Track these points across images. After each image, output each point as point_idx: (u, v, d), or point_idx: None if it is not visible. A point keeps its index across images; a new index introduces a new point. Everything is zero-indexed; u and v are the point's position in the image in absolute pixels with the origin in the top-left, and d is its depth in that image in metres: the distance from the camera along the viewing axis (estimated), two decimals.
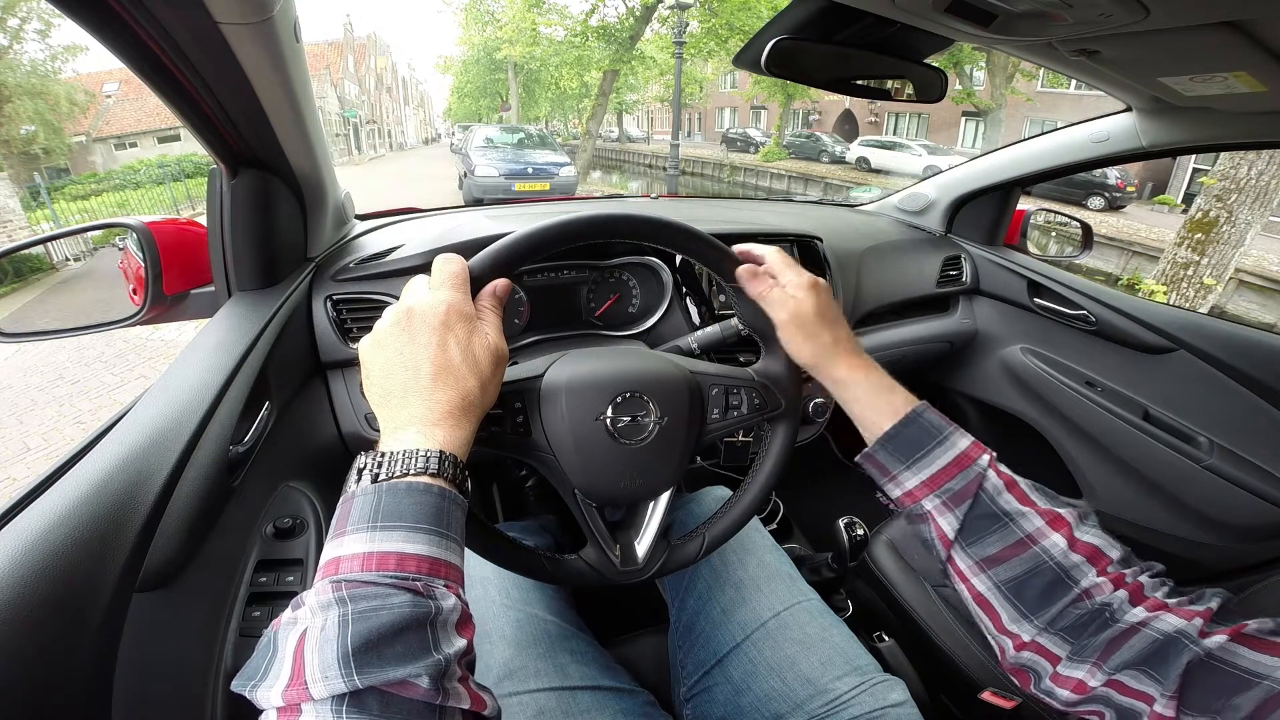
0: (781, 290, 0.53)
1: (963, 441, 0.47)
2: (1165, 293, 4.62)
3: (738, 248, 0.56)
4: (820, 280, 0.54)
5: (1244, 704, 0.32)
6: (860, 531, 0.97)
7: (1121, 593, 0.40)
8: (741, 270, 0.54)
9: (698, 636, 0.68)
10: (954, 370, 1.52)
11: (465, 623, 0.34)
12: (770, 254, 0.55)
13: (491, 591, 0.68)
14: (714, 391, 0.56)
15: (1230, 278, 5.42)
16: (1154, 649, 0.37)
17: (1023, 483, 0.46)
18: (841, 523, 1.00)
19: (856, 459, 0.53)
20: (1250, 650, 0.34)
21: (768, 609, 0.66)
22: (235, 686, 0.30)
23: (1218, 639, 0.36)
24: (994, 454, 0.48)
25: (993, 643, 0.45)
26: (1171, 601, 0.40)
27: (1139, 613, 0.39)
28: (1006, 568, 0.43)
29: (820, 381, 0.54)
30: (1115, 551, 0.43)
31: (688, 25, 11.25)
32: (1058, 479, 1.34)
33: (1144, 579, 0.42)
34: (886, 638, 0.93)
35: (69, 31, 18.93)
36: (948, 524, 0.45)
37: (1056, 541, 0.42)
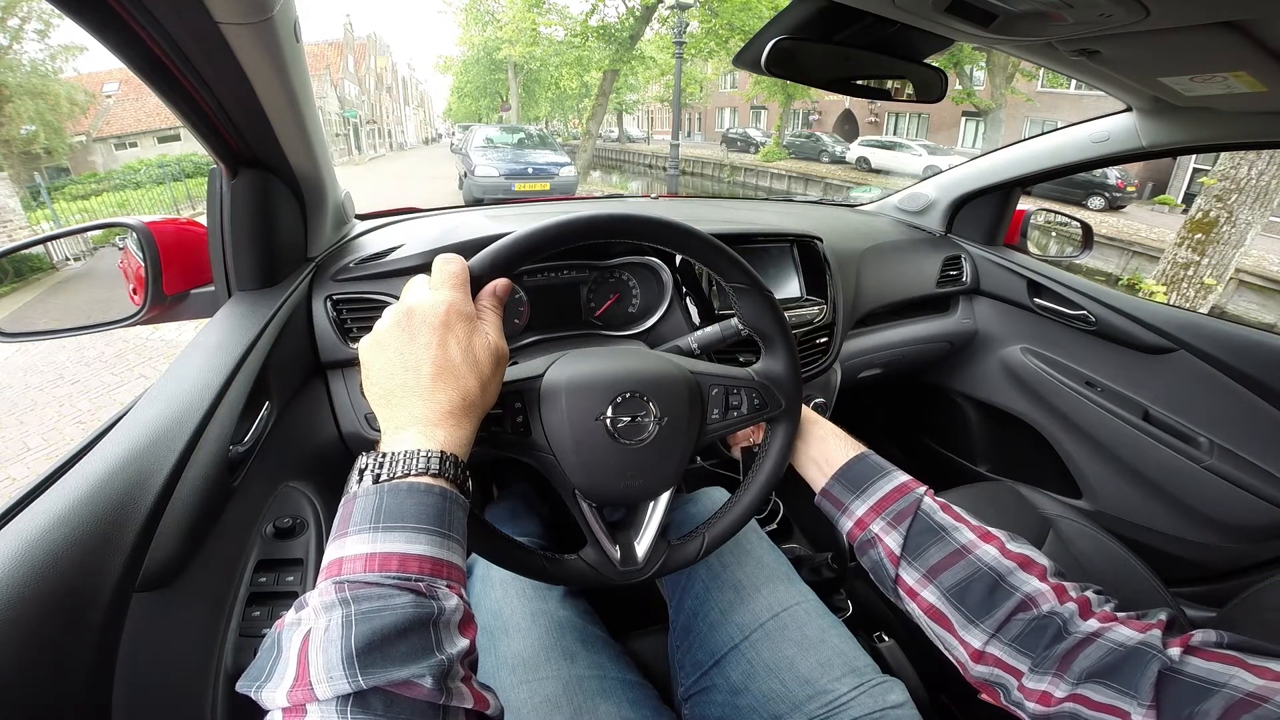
0: None
1: (902, 476, 0.55)
2: (1165, 293, 4.62)
3: None
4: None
5: (1210, 711, 0.33)
6: None
7: (1070, 605, 0.43)
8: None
9: (695, 637, 0.68)
10: (954, 370, 1.52)
11: (468, 623, 0.34)
12: None
13: (508, 584, 0.68)
14: (714, 392, 0.56)
15: (1230, 278, 5.42)
16: (1115, 660, 0.38)
17: (955, 507, 0.52)
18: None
19: (815, 500, 0.58)
20: (1201, 660, 0.36)
21: (766, 610, 0.66)
22: (240, 687, 0.30)
23: (1174, 650, 0.38)
24: (929, 487, 0.54)
25: (951, 657, 0.48)
26: (1121, 615, 0.42)
27: (1092, 624, 0.41)
28: (949, 574, 0.47)
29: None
30: (1045, 560, 0.47)
31: (688, 25, 11.25)
32: (1057, 479, 1.34)
33: (1090, 594, 0.44)
34: (886, 638, 0.93)
35: (69, 31, 18.96)
36: (893, 541, 0.51)
37: (989, 550, 0.48)
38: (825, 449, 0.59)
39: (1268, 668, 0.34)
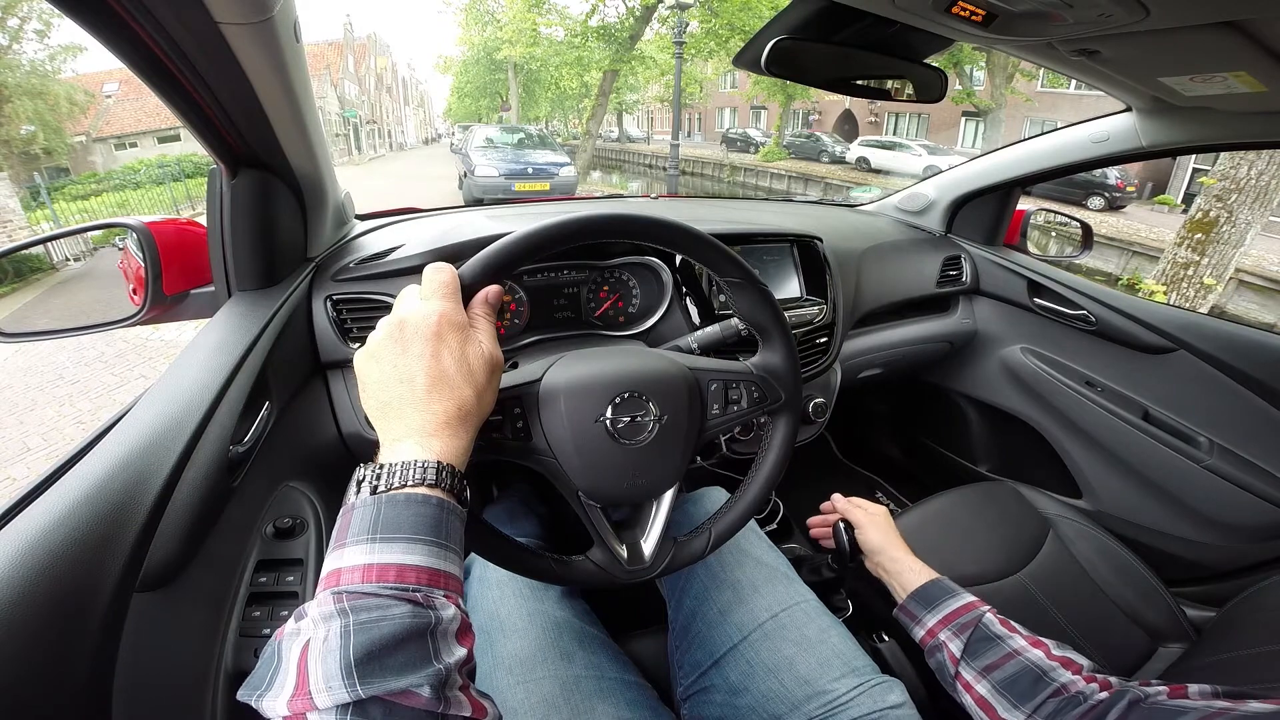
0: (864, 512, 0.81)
1: (969, 596, 0.65)
2: (1165, 293, 4.61)
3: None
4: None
5: None
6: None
7: (1094, 685, 0.52)
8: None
9: (694, 637, 0.68)
10: (954, 370, 1.52)
11: (465, 632, 0.35)
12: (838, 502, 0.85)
13: (504, 584, 0.69)
14: (713, 387, 0.56)
15: (1230, 278, 5.42)
16: (1103, 708, 0.49)
17: (1011, 622, 0.61)
18: (841, 523, 1.01)
19: (894, 613, 0.69)
20: (1186, 700, 0.45)
21: (765, 610, 0.66)
22: (241, 696, 0.31)
23: (1159, 687, 0.48)
24: (994, 608, 0.64)
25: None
26: (1131, 682, 0.51)
27: (1103, 694, 0.51)
28: (999, 672, 0.56)
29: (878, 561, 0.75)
30: (1084, 660, 0.56)
31: (688, 25, 11.24)
32: (1057, 479, 1.34)
33: (1113, 679, 0.53)
34: (886, 638, 0.93)
35: (69, 31, 18.95)
36: (956, 646, 0.60)
37: (1036, 652, 0.56)
38: (900, 569, 0.71)
39: (1245, 701, 0.42)
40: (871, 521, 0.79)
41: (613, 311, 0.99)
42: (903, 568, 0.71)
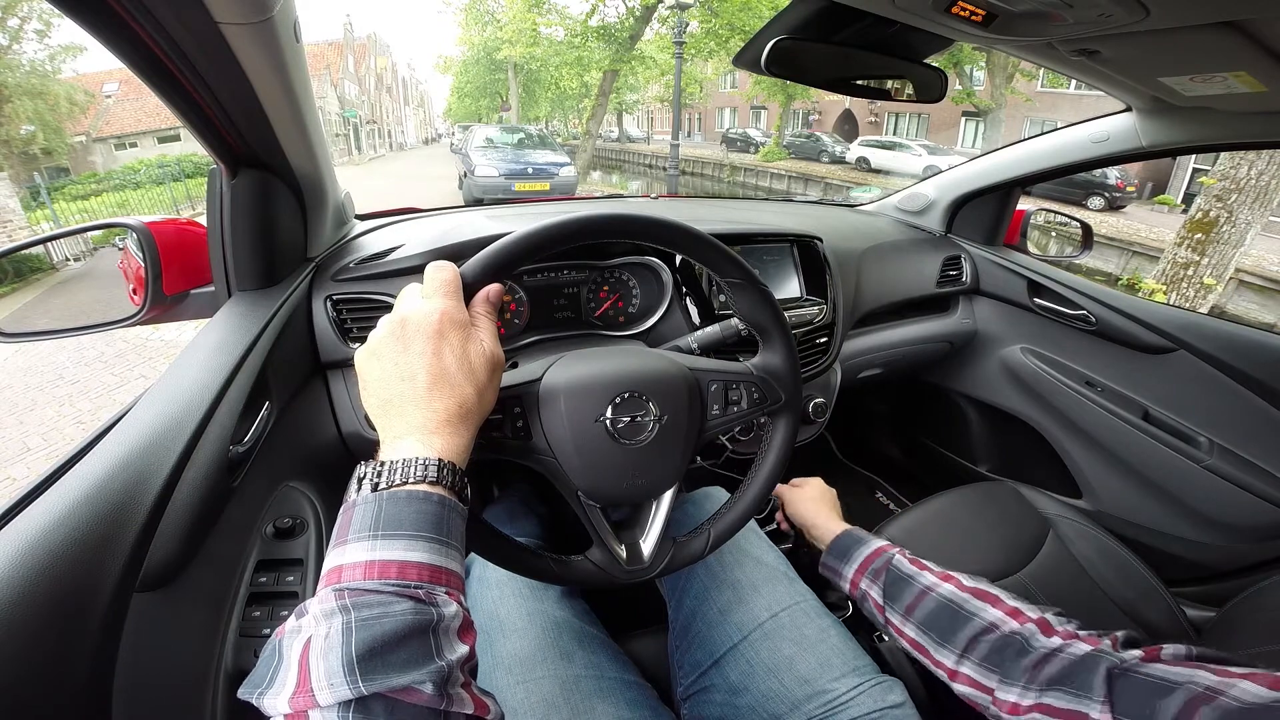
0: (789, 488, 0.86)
1: (879, 541, 0.68)
2: (1165, 292, 4.62)
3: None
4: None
5: (1170, 706, 0.37)
6: None
7: (1030, 626, 0.50)
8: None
9: (694, 637, 0.68)
10: (954, 370, 1.52)
11: (467, 629, 0.35)
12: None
13: (504, 584, 0.69)
14: (713, 388, 0.56)
15: (1230, 278, 5.42)
16: (1072, 668, 0.44)
17: (925, 560, 0.62)
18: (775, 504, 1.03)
19: (819, 570, 0.71)
20: (1165, 666, 0.41)
21: (765, 610, 0.66)
22: (242, 694, 0.31)
23: (1133, 654, 0.43)
24: (903, 548, 0.65)
25: (938, 678, 0.58)
26: (1082, 633, 0.48)
27: (1054, 640, 0.48)
28: (919, 611, 0.58)
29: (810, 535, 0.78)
30: (999, 591, 0.55)
31: (688, 25, 11.24)
32: (1057, 479, 1.34)
33: (1049, 615, 0.51)
34: (886, 637, 0.93)
35: (69, 31, 18.95)
36: (876, 592, 0.63)
37: (947, 587, 0.57)
38: (821, 521, 0.75)
39: (1227, 670, 0.38)
40: (795, 495, 0.80)
41: (613, 311, 0.99)
42: (825, 531, 0.73)
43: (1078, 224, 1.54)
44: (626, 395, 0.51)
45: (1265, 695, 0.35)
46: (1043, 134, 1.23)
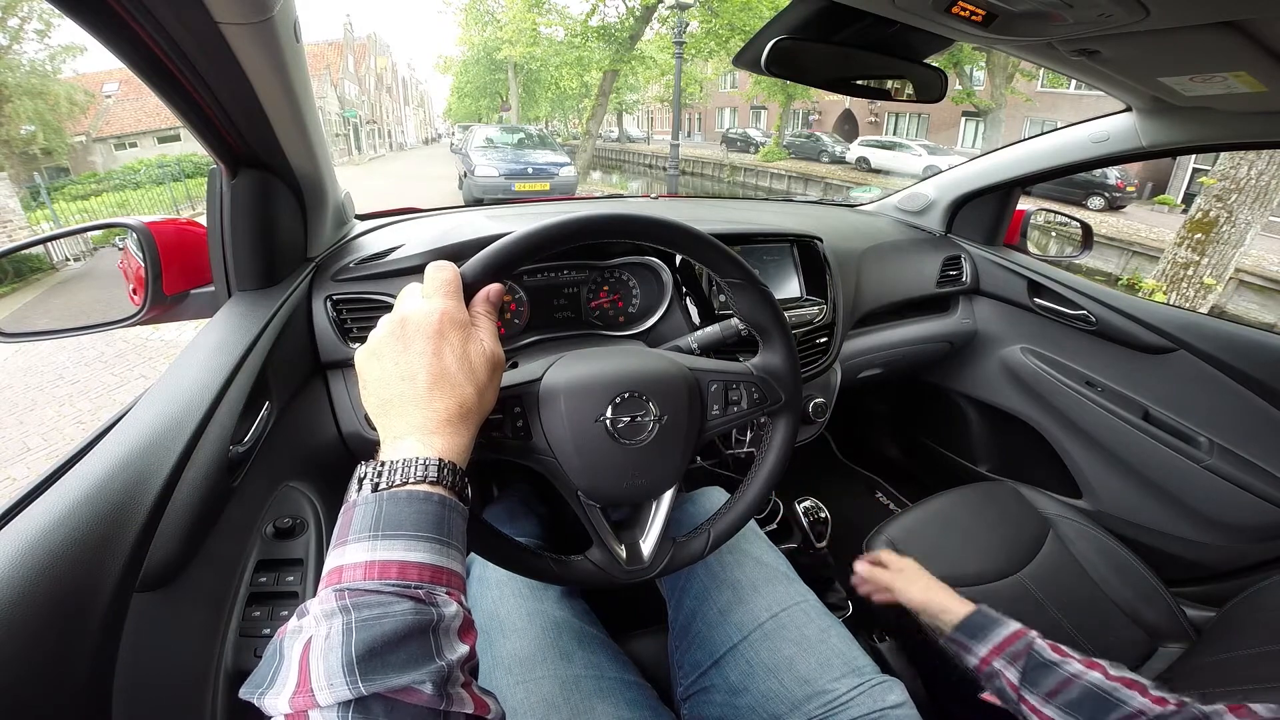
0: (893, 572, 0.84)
1: (1014, 624, 0.67)
2: (1165, 292, 4.61)
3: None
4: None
5: None
6: (824, 514, 1.02)
7: (1171, 708, 0.53)
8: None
9: (694, 637, 0.68)
10: (954, 370, 1.52)
11: (467, 629, 0.34)
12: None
13: (504, 584, 0.69)
14: (713, 388, 0.56)
15: (1230, 278, 5.42)
16: None
17: (1064, 646, 0.63)
18: (799, 505, 1.03)
19: (942, 642, 0.71)
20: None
21: (765, 610, 0.66)
22: (243, 694, 0.31)
23: (1215, 707, 0.50)
24: (1039, 632, 0.65)
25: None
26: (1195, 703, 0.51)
27: (1170, 708, 0.52)
28: (1062, 696, 0.58)
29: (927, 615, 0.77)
30: (1144, 680, 0.56)
31: (688, 25, 11.24)
32: (1057, 479, 1.34)
33: (1170, 696, 0.54)
34: (886, 637, 0.93)
35: (69, 31, 18.93)
36: (1013, 675, 0.62)
37: (1097, 677, 0.57)
38: (939, 600, 0.75)
39: None
40: (906, 579, 0.81)
41: (613, 311, 0.99)
42: (950, 610, 0.73)
43: (1078, 224, 1.54)
44: (626, 395, 0.51)
45: None
46: (1043, 134, 1.23)
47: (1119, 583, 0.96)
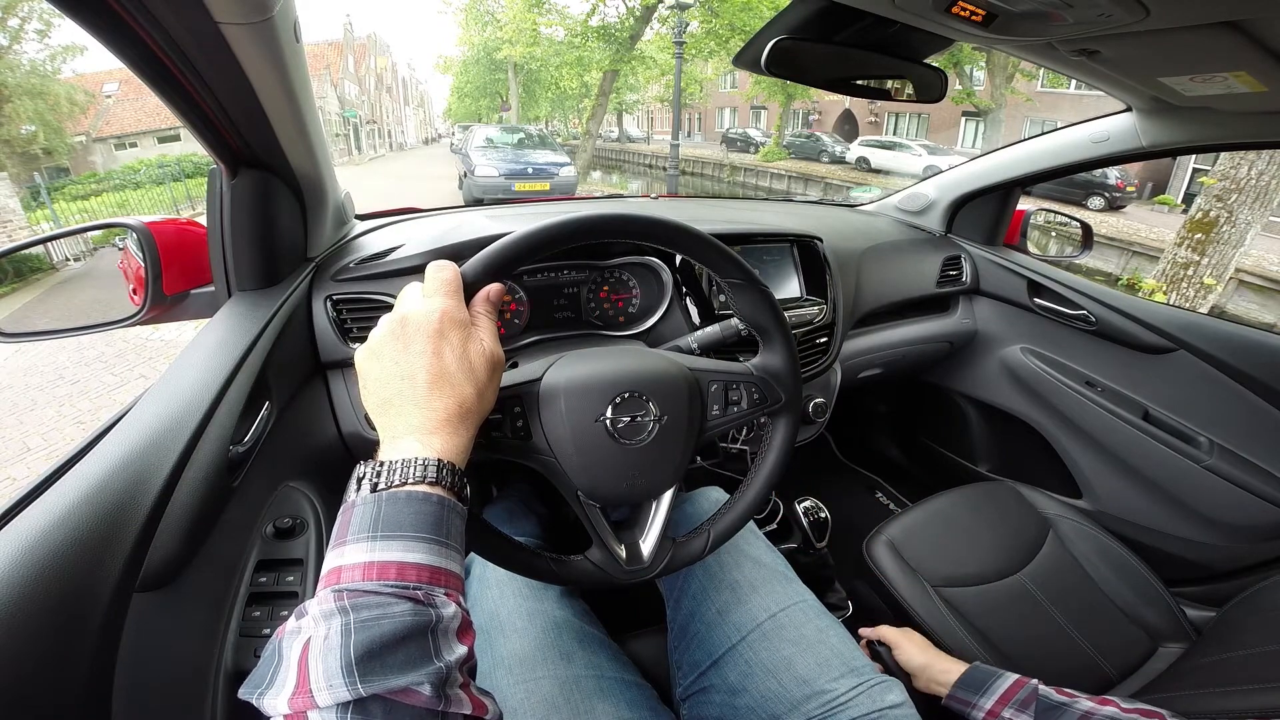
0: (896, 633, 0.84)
1: (1012, 675, 0.68)
2: (1165, 292, 4.61)
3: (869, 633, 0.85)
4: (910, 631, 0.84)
5: None
6: (824, 514, 1.02)
7: None
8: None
9: (693, 638, 0.68)
10: (954, 370, 1.52)
11: (466, 630, 0.34)
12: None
13: (504, 584, 0.69)
14: (713, 388, 0.56)
15: (1230, 278, 5.42)
16: None
17: (1066, 689, 0.63)
18: (799, 505, 1.03)
19: (944, 702, 0.71)
20: None
21: (764, 610, 0.66)
22: (242, 694, 0.31)
23: None
24: (1039, 679, 0.66)
25: None
26: None
27: None
28: None
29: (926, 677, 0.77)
30: (1167, 711, 0.56)
31: (688, 25, 11.23)
32: (1057, 479, 1.34)
33: None
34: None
35: (69, 31, 18.94)
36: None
37: (1111, 711, 0.57)
38: (933, 662, 0.76)
39: None
40: (908, 642, 0.81)
41: (613, 311, 0.99)
42: (946, 670, 0.74)
43: (1078, 224, 1.54)
44: (626, 395, 0.51)
45: None
46: (1043, 134, 1.23)
47: (1119, 583, 0.96)
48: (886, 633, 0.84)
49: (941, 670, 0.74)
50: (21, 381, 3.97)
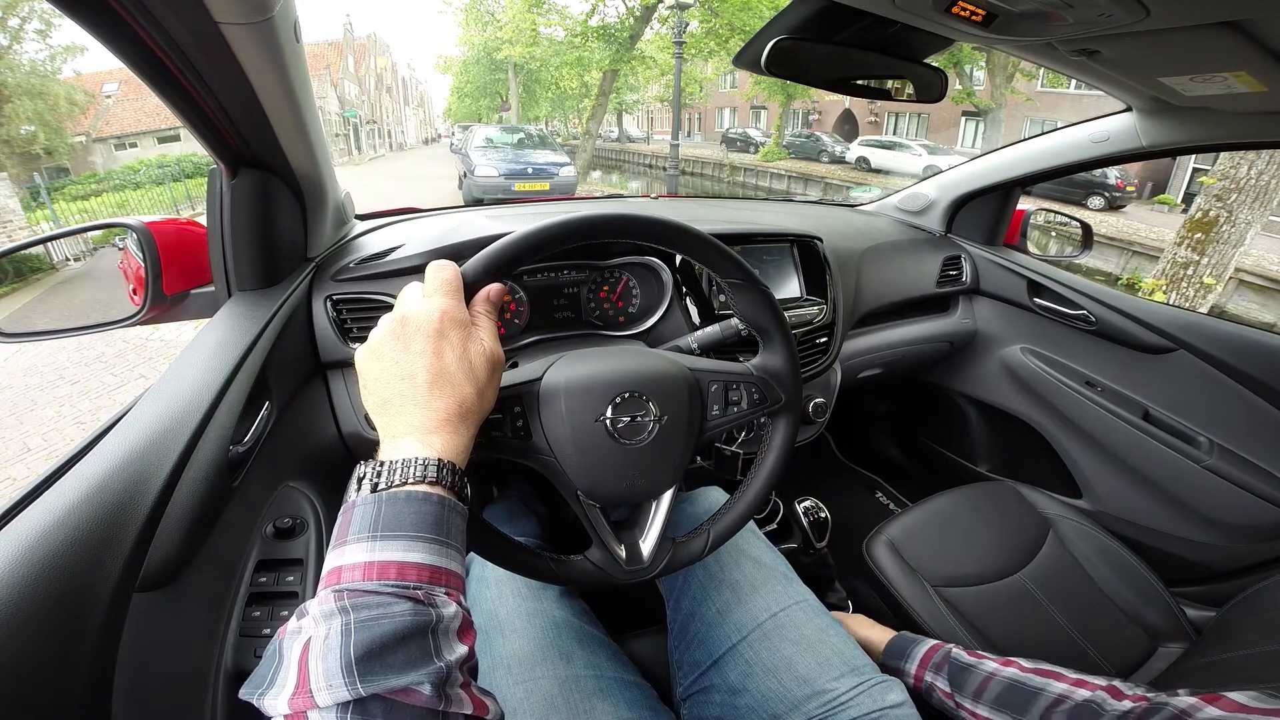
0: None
1: (930, 640, 0.72)
2: (1165, 292, 4.61)
3: None
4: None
5: None
6: (824, 514, 1.02)
7: (1100, 693, 0.53)
8: None
9: (693, 638, 0.68)
10: (954, 370, 1.52)
11: (466, 629, 0.34)
12: None
13: (503, 583, 0.68)
14: (713, 388, 0.56)
15: (1230, 277, 5.42)
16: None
17: (981, 650, 0.67)
18: (799, 505, 1.03)
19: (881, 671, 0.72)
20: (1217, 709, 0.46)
21: (764, 610, 0.66)
22: (243, 694, 0.31)
23: (1188, 701, 0.48)
24: (956, 644, 0.70)
25: None
26: (1150, 694, 0.51)
27: (1125, 704, 0.51)
28: (988, 693, 0.61)
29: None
30: (1063, 669, 0.59)
31: (688, 25, 11.24)
32: (1058, 479, 1.34)
33: (1116, 682, 0.54)
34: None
35: (69, 31, 18.92)
36: (943, 683, 0.66)
37: (1012, 672, 0.61)
38: (868, 635, 0.78)
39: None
40: (851, 624, 0.83)
41: (613, 311, 0.99)
42: (876, 640, 0.77)
43: (1078, 224, 1.54)
44: (626, 395, 0.51)
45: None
46: (1043, 134, 1.23)
47: (1119, 583, 0.96)
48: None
49: (873, 641, 0.78)
50: (21, 382, 3.97)
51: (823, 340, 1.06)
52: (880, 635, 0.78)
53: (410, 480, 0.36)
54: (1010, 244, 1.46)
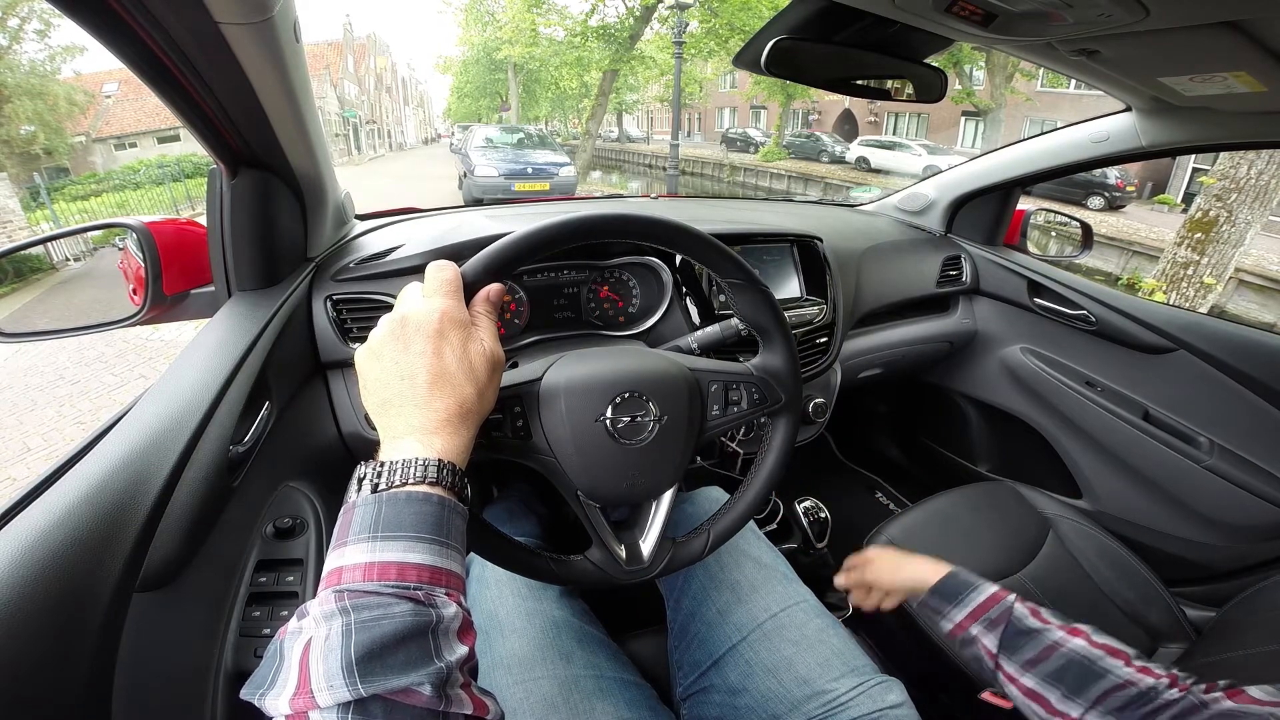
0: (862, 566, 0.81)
1: (992, 586, 0.65)
2: (1165, 292, 4.61)
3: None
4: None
5: None
6: (824, 514, 1.02)
7: (1164, 682, 0.51)
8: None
9: (693, 638, 0.68)
10: (954, 370, 1.52)
11: (467, 630, 0.34)
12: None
13: (503, 584, 0.69)
14: (713, 388, 0.56)
15: (1230, 277, 5.42)
16: (1181, 713, 0.48)
17: (1044, 610, 0.60)
18: (799, 505, 1.03)
19: (915, 608, 0.70)
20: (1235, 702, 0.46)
21: (764, 610, 0.66)
22: (244, 695, 0.31)
23: (1215, 695, 0.48)
24: (1019, 595, 0.63)
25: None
26: (1199, 687, 0.50)
27: (1173, 693, 0.50)
28: (1044, 665, 0.56)
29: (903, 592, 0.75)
30: (1127, 649, 0.55)
31: (688, 25, 11.24)
32: (1058, 479, 1.34)
33: (1176, 672, 0.52)
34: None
35: (69, 31, 18.92)
36: (991, 642, 0.60)
37: (1080, 644, 0.56)
38: (912, 572, 0.72)
39: None
40: (877, 569, 0.78)
41: (613, 311, 0.99)
42: (919, 577, 0.70)
43: (1078, 224, 1.54)
44: (626, 395, 0.51)
45: None
46: (1043, 134, 1.23)
47: (1119, 583, 0.96)
48: (855, 559, 0.81)
49: (917, 579, 0.70)
50: (22, 382, 3.97)
51: (823, 340, 1.06)
52: (928, 569, 0.70)
53: (410, 481, 0.36)
54: (1010, 244, 1.46)
